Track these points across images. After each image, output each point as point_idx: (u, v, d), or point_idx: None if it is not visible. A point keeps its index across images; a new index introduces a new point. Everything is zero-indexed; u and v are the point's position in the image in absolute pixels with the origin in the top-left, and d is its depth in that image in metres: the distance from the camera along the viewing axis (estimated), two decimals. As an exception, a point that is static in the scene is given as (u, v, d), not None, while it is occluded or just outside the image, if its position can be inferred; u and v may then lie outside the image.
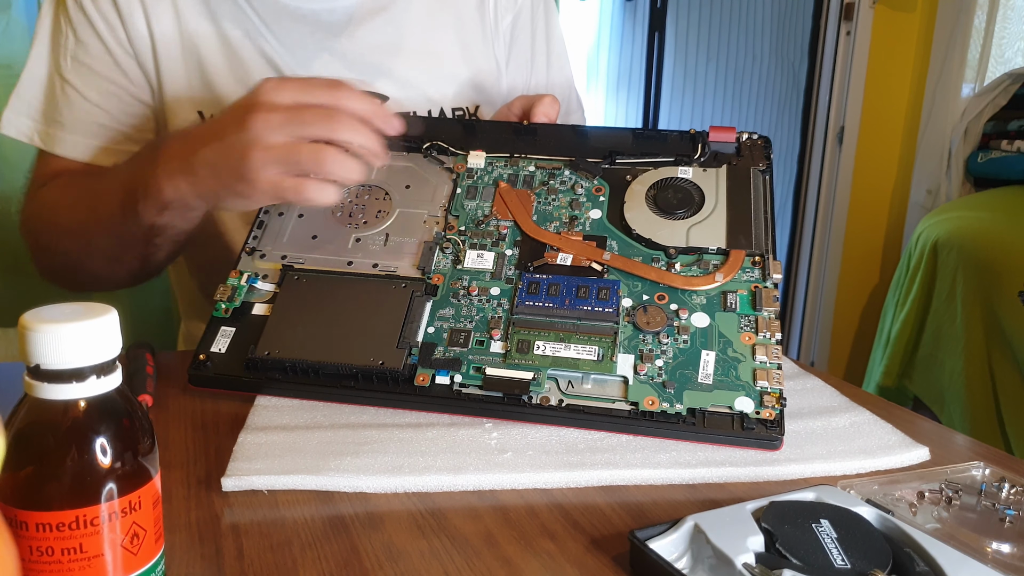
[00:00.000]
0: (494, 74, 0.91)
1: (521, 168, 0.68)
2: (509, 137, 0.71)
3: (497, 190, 0.67)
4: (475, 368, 0.56)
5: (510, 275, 0.62)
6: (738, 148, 0.68)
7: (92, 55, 0.79)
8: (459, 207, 0.66)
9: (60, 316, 0.32)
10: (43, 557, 0.32)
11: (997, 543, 0.44)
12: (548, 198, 0.66)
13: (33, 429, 0.32)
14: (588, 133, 0.71)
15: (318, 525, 0.45)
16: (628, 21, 2.52)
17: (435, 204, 0.67)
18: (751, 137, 0.68)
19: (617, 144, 0.69)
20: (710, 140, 0.68)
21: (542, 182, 0.67)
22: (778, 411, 0.53)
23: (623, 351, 0.56)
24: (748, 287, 0.59)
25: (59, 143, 0.79)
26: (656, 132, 0.70)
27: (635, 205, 0.65)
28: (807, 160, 2.69)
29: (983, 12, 2.38)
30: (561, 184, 0.67)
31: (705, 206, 0.64)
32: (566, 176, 0.67)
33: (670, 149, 0.68)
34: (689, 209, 0.64)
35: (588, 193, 0.66)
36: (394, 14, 0.86)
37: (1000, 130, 2.26)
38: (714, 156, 0.67)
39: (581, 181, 0.67)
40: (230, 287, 0.63)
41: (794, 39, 2.65)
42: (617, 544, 0.44)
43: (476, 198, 0.67)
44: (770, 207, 0.64)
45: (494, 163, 0.69)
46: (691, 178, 0.66)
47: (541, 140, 0.70)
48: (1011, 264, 1.75)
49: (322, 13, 0.82)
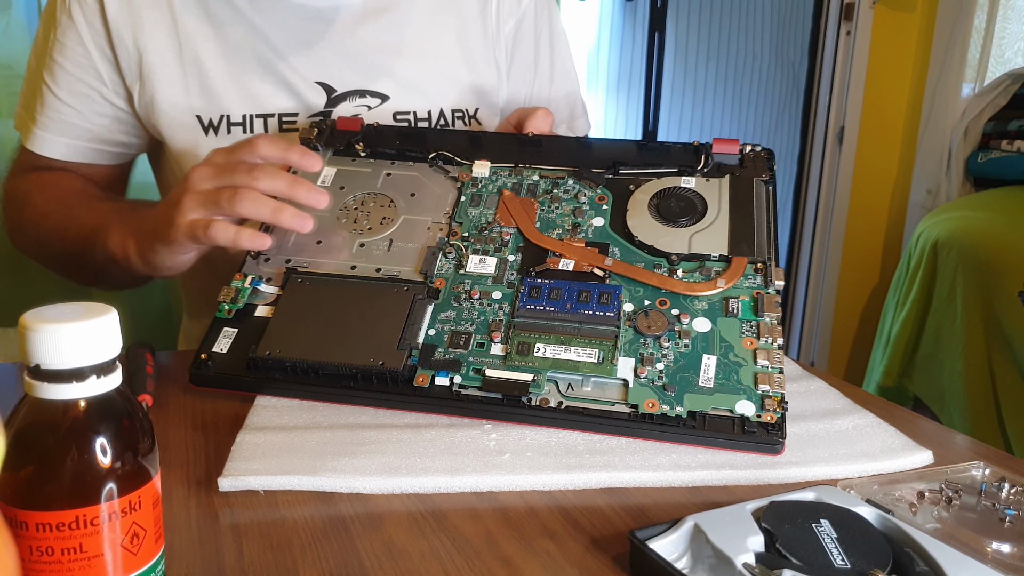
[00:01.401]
0: (494, 78, 0.91)
1: (525, 177, 0.69)
2: (514, 148, 0.71)
3: (501, 198, 0.67)
4: (475, 369, 0.56)
5: (512, 279, 0.62)
6: (741, 160, 0.69)
7: (68, 56, 0.80)
8: (463, 214, 0.67)
9: (60, 316, 0.32)
10: (43, 557, 0.32)
11: (997, 543, 0.44)
12: (551, 206, 0.67)
13: (33, 429, 0.32)
14: (592, 145, 0.72)
15: (318, 525, 0.45)
16: (628, 21, 2.52)
17: (439, 211, 0.67)
18: (754, 149, 0.69)
19: (621, 155, 0.70)
20: (713, 152, 0.68)
21: (546, 191, 0.68)
22: (779, 415, 0.53)
23: (624, 354, 0.56)
24: (750, 293, 0.59)
25: (31, 137, 0.83)
26: (660, 144, 0.70)
27: (638, 213, 0.65)
28: (807, 160, 2.69)
29: (983, 12, 2.38)
30: (564, 193, 0.67)
31: (707, 215, 0.65)
32: (570, 185, 0.68)
33: (673, 160, 0.69)
34: (691, 217, 0.65)
35: (591, 201, 0.66)
36: (397, 15, 0.86)
37: (1000, 130, 2.26)
38: (717, 167, 0.68)
39: (584, 190, 0.67)
40: (234, 289, 0.63)
41: (794, 39, 2.65)
42: (617, 544, 0.44)
43: (480, 206, 0.67)
44: (773, 216, 0.64)
45: (499, 172, 0.70)
46: (694, 187, 0.66)
47: (545, 151, 0.71)
48: (1011, 264, 1.75)
49: (327, 11, 0.82)
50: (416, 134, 0.74)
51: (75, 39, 0.79)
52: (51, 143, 0.82)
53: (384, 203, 0.68)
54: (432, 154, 0.71)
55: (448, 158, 0.71)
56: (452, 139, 0.73)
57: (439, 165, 0.71)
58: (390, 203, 0.68)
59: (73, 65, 0.80)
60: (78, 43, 0.79)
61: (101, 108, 0.82)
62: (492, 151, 0.71)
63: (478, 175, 0.69)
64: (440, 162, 0.71)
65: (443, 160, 0.71)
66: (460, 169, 0.70)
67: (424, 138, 0.73)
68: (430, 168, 0.71)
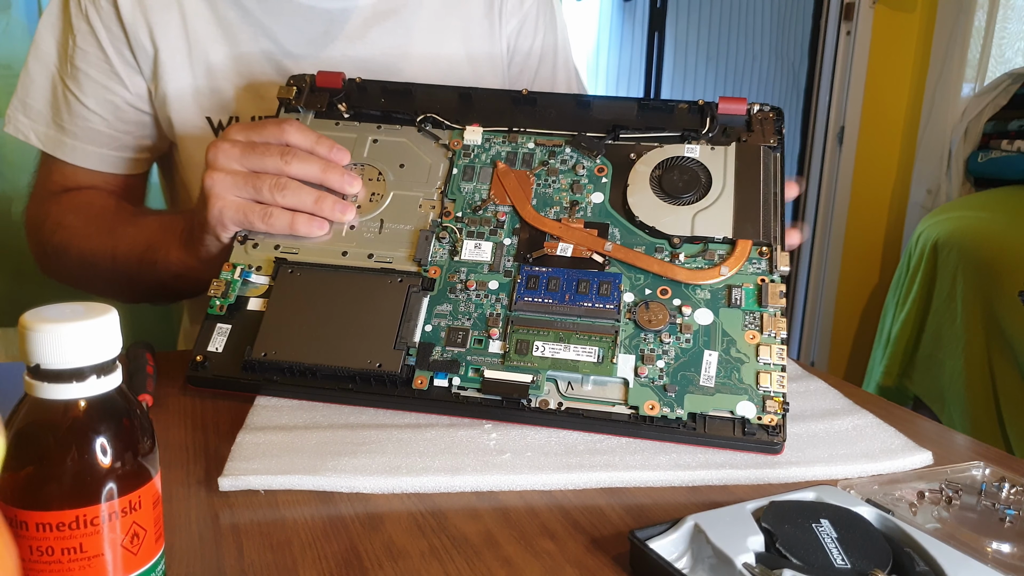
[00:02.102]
0: (499, 79, 0.91)
1: (520, 145, 0.66)
2: (507, 107, 0.68)
3: (495, 171, 0.65)
4: (473, 370, 0.56)
5: (508, 267, 0.60)
6: (748, 121, 0.65)
7: (90, 62, 0.79)
8: (456, 190, 0.64)
9: (60, 316, 0.32)
10: (43, 557, 0.32)
11: (997, 543, 0.44)
12: (548, 180, 0.64)
13: (33, 429, 0.32)
14: (591, 103, 0.68)
15: (318, 525, 0.45)
16: (627, 21, 2.52)
17: (431, 186, 0.65)
18: (762, 109, 0.65)
19: (621, 116, 0.66)
20: (719, 112, 0.65)
21: (542, 161, 0.65)
22: (780, 416, 0.53)
23: (624, 351, 0.56)
24: (754, 280, 0.57)
25: (62, 148, 0.81)
26: (662, 103, 0.67)
27: (639, 188, 0.62)
28: (807, 160, 2.69)
29: (983, 12, 2.38)
30: (562, 164, 0.64)
31: (712, 189, 0.62)
32: (567, 155, 0.65)
33: (677, 122, 0.65)
34: (695, 192, 0.62)
35: (590, 173, 0.64)
36: (404, 17, 0.85)
37: (1000, 130, 2.26)
38: (723, 130, 0.65)
39: (583, 160, 0.64)
40: (224, 282, 0.61)
41: (794, 39, 2.65)
42: (617, 544, 0.44)
43: (473, 179, 0.64)
44: (780, 189, 0.62)
45: (492, 139, 0.66)
46: (698, 157, 0.63)
47: (540, 110, 0.68)
48: (1011, 264, 1.75)
49: (336, 13, 0.82)
50: (402, 90, 0.70)
51: (95, 45, 0.79)
52: (83, 152, 0.81)
53: (372, 175, 0.66)
54: (420, 117, 0.68)
55: (438, 121, 0.68)
56: (441, 96, 0.69)
57: (428, 130, 0.67)
58: (379, 176, 0.66)
59: (96, 72, 0.79)
60: (98, 48, 0.79)
61: (125, 114, 0.81)
62: (483, 111, 0.68)
63: (470, 142, 0.66)
64: (429, 126, 0.68)
65: (432, 124, 0.68)
66: (451, 135, 0.67)
67: (411, 95, 0.70)
68: (419, 133, 0.67)
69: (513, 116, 0.68)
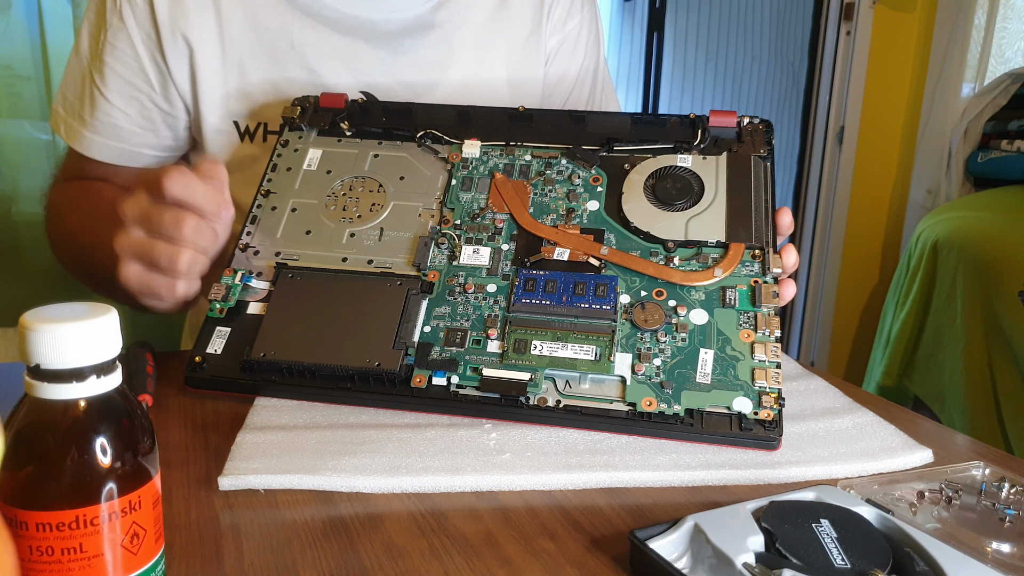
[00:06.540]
0: (537, 98, 0.91)
1: (517, 157, 0.67)
2: (504, 123, 0.70)
3: (493, 181, 0.66)
4: (472, 368, 0.56)
5: (507, 271, 0.61)
6: (739, 133, 0.67)
7: (120, 59, 0.79)
8: (454, 199, 0.65)
9: (60, 316, 0.32)
10: (43, 557, 0.32)
11: (997, 543, 0.44)
12: (545, 189, 0.65)
13: (33, 429, 0.32)
14: (585, 119, 0.70)
15: (318, 525, 0.45)
16: (627, 21, 2.52)
17: (430, 196, 0.66)
18: (752, 121, 0.67)
19: (615, 130, 0.68)
20: (710, 125, 0.67)
21: (538, 172, 0.66)
22: (776, 411, 0.53)
23: (621, 350, 0.56)
24: (747, 282, 0.59)
25: (78, 139, 0.82)
26: (655, 117, 0.68)
27: (633, 196, 0.64)
28: (807, 160, 2.69)
29: (983, 12, 2.38)
30: (558, 174, 0.66)
31: (704, 196, 0.63)
32: (563, 165, 0.67)
33: (669, 135, 0.67)
34: (688, 199, 0.63)
35: (585, 183, 0.65)
36: (448, 31, 0.85)
37: (1000, 130, 2.26)
38: (714, 142, 0.67)
39: (578, 170, 0.66)
40: (224, 286, 0.62)
41: (794, 39, 2.65)
42: (617, 544, 0.44)
43: (472, 189, 0.66)
44: (771, 196, 0.63)
45: (489, 152, 0.68)
46: (690, 166, 0.65)
47: (537, 126, 0.70)
48: (1011, 264, 1.75)
49: (379, 23, 0.82)
50: (402, 109, 0.72)
51: (126, 41, 0.79)
52: (100, 146, 0.81)
53: (373, 187, 0.67)
54: (420, 133, 0.69)
55: (437, 136, 0.69)
56: (440, 114, 0.71)
57: (427, 145, 0.69)
58: (379, 187, 0.67)
59: (124, 68, 0.80)
60: (129, 46, 0.79)
61: (149, 113, 0.81)
62: (482, 127, 0.70)
63: (468, 155, 0.68)
64: (429, 141, 0.69)
65: (432, 139, 0.69)
66: (450, 149, 0.69)
67: (411, 113, 0.72)
68: (419, 148, 0.69)
69: (510, 131, 0.69)
